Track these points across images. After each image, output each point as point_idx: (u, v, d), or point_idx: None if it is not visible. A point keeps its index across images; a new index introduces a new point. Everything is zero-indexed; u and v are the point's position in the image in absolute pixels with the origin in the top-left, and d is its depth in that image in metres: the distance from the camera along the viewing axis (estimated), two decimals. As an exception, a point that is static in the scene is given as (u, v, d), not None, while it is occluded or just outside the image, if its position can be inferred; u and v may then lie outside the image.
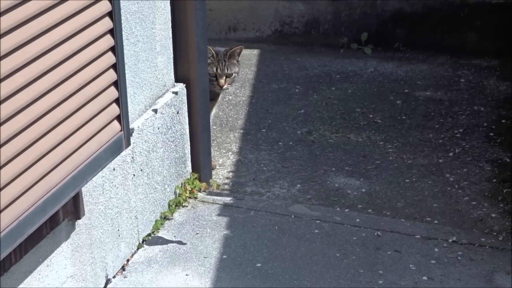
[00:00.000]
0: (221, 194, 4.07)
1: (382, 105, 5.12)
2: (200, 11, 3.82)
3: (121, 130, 2.95)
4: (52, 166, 2.56)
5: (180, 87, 3.87)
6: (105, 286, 3.32)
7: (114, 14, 2.81)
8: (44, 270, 2.87)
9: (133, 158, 3.47)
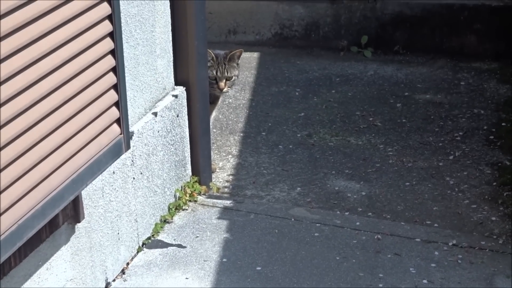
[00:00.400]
0: (221, 197, 4.06)
1: (382, 108, 5.11)
2: (200, 14, 3.82)
3: (120, 133, 2.94)
4: (52, 169, 2.55)
5: (180, 90, 3.87)
6: (105, 290, 3.32)
7: (114, 17, 2.81)
8: (44, 273, 2.87)
9: (133, 161, 3.46)
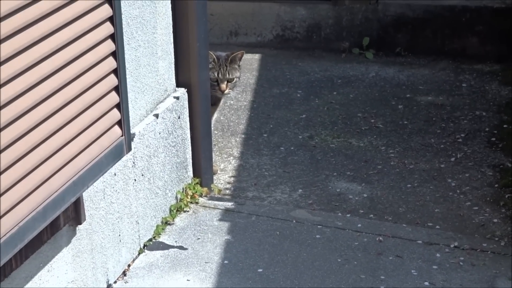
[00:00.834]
0: (223, 199, 4.06)
1: (383, 110, 5.11)
2: (201, 16, 3.82)
3: (122, 135, 2.94)
4: (53, 171, 2.55)
5: (182, 92, 3.87)
6: (106, 292, 3.32)
7: (115, 19, 2.81)
8: (45, 275, 2.87)
9: (134, 163, 3.46)
